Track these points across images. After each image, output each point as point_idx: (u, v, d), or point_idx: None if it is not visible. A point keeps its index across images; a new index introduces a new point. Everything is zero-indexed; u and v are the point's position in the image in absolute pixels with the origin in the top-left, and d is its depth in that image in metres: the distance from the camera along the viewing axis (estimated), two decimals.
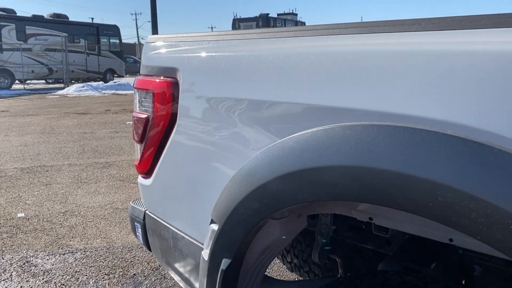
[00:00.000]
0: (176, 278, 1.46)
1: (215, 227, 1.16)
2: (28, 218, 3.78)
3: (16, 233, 3.47)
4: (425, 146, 0.74)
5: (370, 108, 0.86)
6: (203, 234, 1.26)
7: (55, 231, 3.51)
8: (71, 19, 24.43)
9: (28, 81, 21.17)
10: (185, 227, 1.38)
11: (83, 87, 19.07)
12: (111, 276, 2.77)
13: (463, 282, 1.32)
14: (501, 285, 1.21)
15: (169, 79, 1.37)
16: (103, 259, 3.00)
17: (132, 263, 2.94)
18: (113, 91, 18.68)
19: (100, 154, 6.32)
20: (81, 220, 3.75)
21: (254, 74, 1.12)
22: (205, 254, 1.21)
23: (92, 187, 4.69)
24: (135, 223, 1.66)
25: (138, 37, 67.21)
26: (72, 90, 18.70)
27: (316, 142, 0.91)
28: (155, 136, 1.47)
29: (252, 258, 1.25)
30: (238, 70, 1.16)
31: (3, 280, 2.72)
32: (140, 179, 1.61)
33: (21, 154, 6.32)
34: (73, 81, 22.18)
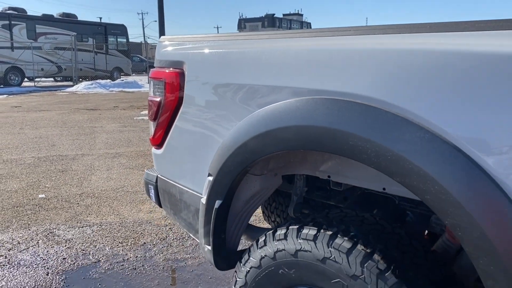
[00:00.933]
0: (181, 224, 1.88)
1: (210, 178, 1.57)
2: (48, 199, 4.22)
3: (39, 210, 3.90)
4: (341, 110, 1.15)
5: (311, 87, 1.26)
6: (201, 187, 1.67)
7: (73, 209, 3.94)
8: (79, 18, 24.98)
9: (37, 79, 21.70)
10: (188, 184, 1.80)
11: (91, 84, 19.57)
12: (124, 244, 3.19)
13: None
14: (425, 224, 1.61)
15: (177, 70, 1.79)
16: (116, 231, 3.43)
17: (142, 234, 3.37)
18: (120, 89, 19.16)
19: (110, 146, 6.76)
20: (96, 200, 4.18)
21: (239, 65, 1.53)
22: (203, 200, 1.62)
23: (104, 174, 5.12)
24: (149, 186, 2.07)
25: (144, 36, 67.82)
26: (81, 87, 19.21)
27: (278, 111, 1.32)
28: (165, 115, 1.88)
29: (239, 205, 1.66)
30: (228, 63, 1.58)
31: (31, 246, 3.15)
32: (153, 150, 2.03)
33: (37, 145, 6.77)
34: (81, 79, 22.69)
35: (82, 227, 3.52)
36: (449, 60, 0.99)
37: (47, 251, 3.07)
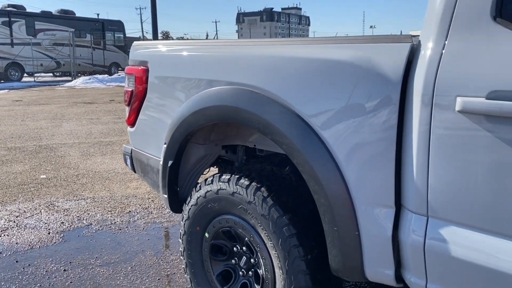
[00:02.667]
0: (149, 183, 2.50)
1: (165, 145, 2.19)
2: (49, 179, 4.85)
3: (41, 188, 4.53)
4: (239, 94, 1.76)
5: (226, 80, 1.87)
6: (161, 154, 2.29)
7: (70, 186, 4.57)
8: (77, 14, 25.52)
9: (36, 74, 22.28)
10: (153, 152, 2.42)
11: (89, 79, 20.16)
12: (112, 212, 3.82)
13: None
14: None
15: (143, 67, 2.40)
16: (106, 203, 4.06)
17: (128, 205, 4.00)
18: (117, 83, 19.73)
19: (105, 135, 7.38)
20: (90, 180, 4.81)
21: (183, 64, 2.15)
22: (161, 162, 2.24)
23: (98, 159, 5.75)
24: (126, 156, 2.70)
25: (142, 31, 68.21)
26: (79, 82, 19.80)
27: (206, 96, 1.93)
28: (136, 102, 2.50)
29: (189, 166, 2.28)
30: (176, 62, 2.20)
31: (35, 214, 3.78)
32: (128, 128, 2.64)
33: (38, 135, 7.38)
34: (79, 74, 23.27)
35: (78, 200, 4.15)
36: (295, 62, 1.61)
37: (48, 217, 3.70)
